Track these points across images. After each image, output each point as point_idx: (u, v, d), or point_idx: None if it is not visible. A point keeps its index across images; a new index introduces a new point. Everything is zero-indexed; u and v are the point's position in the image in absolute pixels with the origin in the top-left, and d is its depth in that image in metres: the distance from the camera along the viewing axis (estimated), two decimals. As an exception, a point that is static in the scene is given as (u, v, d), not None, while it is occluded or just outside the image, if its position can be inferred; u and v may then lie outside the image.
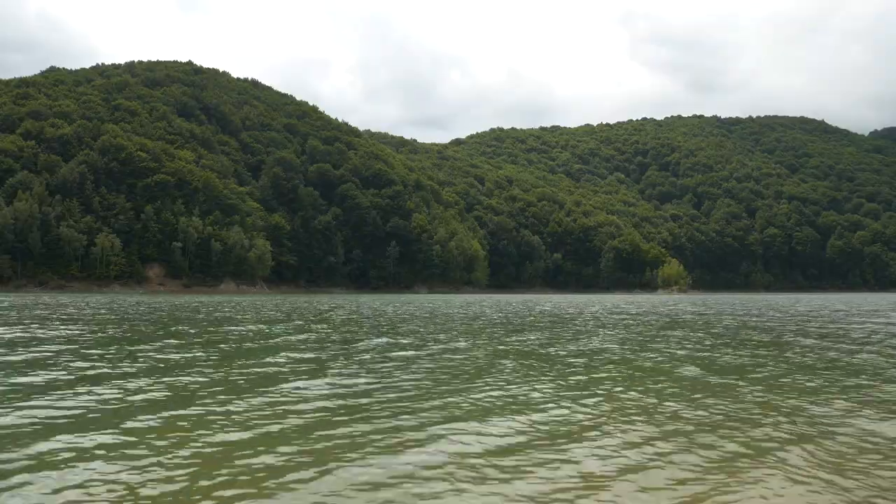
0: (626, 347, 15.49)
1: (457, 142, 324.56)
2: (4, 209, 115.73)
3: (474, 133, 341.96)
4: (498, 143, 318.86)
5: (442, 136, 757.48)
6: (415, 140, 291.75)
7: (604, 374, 10.75)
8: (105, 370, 10.61)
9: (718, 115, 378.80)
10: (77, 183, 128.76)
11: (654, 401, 8.23)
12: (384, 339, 16.92)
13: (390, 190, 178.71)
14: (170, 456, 5.57)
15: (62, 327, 21.25)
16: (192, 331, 20.55)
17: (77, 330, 20.15)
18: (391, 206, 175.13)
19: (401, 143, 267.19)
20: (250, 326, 22.98)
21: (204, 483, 4.91)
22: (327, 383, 9.37)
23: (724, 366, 11.99)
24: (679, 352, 14.51)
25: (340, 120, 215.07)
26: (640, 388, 9.18)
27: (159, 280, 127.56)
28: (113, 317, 28.83)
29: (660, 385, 9.52)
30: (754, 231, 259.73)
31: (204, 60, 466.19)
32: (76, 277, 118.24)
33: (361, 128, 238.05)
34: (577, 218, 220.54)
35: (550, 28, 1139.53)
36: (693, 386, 9.48)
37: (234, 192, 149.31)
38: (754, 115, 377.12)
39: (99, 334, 18.66)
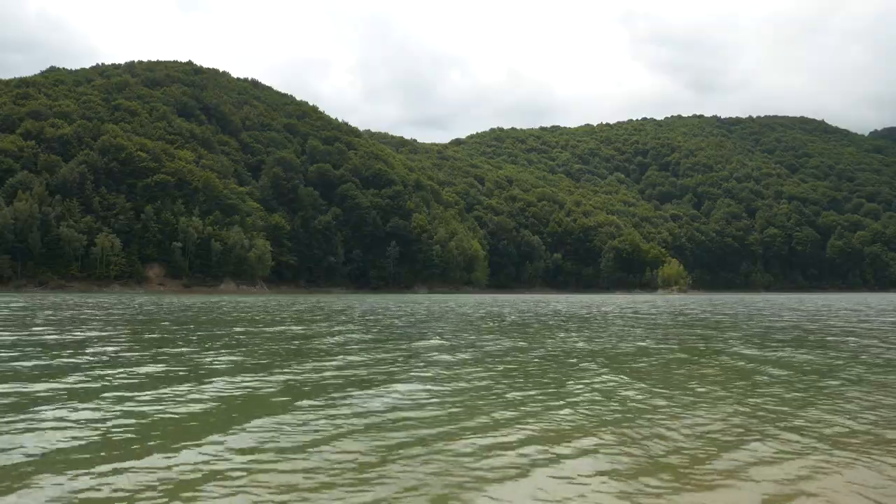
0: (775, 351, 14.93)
1: (457, 142, 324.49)
2: (4, 209, 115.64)
3: (474, 133, 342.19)
4: (498, 143, 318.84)
5: (442, 136, 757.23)
6: (415, 140, 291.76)
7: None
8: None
9: (718, 115, 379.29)
10: (77, 183, 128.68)
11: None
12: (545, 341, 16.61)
13: (390, 190, 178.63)
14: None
15: (124, 328, 21.12)
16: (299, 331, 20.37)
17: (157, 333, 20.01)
18: (391, 206, 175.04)
19: (401, 143, 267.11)
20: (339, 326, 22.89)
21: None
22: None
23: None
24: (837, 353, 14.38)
25: (340, 120, 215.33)
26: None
27: (159, 280, 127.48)
28: (165, 317, 28.73)
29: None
30: (754, 231, 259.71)
31: (204, 60, 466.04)
32: (76, 277, 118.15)
33: (361, 128, 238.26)
34: (577, 218, 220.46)
35: (550, 28, 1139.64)
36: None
37: (234, 192, 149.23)
38: (754, 115, 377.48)
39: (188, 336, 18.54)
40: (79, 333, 18.59)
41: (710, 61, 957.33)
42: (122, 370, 10.77)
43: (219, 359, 12.56)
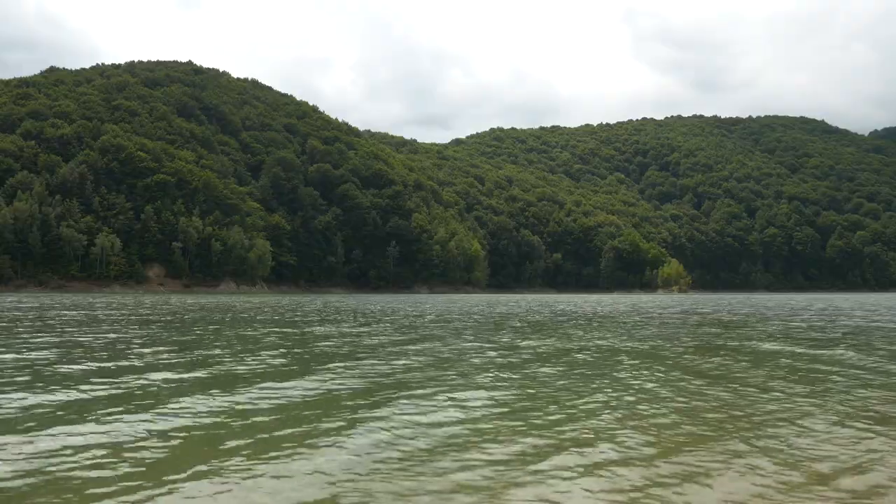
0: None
1: (457, 142, 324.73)
2: (4, 209, 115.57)
3: (474, 133, 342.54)
4: (498, 142, 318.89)
5: (444, 135, 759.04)
6: (415, 140, 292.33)
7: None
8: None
9: (719, 114, 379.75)
10: (77, 183, 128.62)
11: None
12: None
13: (390, 190, 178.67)
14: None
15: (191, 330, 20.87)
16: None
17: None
18: (391, 206, 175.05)
19: (401, 143, 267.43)
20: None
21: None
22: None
23: None
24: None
25: (342, 119, 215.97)
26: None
27: (159, 280, 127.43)
28: (211, 318, 28.60)
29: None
30: (754, 231, 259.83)
31: (204, 60, 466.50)
32: (76, 277, 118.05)
33: (363, 126, 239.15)
34: (577, 218, 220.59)
35: (553, 26, 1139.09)
36: None
37: (234, 192, 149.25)
38: (755, 115, 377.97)
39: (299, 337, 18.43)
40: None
41: (713, 60, 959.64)
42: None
43: (368, 367, 11.53)
